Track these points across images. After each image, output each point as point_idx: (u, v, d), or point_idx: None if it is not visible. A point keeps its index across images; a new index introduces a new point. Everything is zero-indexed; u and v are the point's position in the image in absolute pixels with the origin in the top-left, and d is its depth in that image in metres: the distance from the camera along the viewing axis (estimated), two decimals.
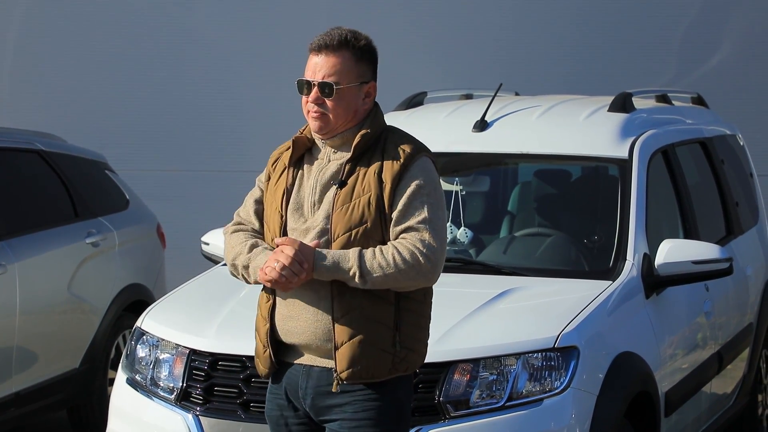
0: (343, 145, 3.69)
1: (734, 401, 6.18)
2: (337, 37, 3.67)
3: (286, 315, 3.68)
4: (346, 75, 3.65)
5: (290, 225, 3.68)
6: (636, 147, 5.54)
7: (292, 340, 3.69)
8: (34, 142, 6.93)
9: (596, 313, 4.75)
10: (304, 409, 3.72)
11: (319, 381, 3.67)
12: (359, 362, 3.59)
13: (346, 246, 3.60)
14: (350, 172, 3.64)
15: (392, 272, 3.55)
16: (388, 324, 3.61)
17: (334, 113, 3.65)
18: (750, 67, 9.37)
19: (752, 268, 6.44)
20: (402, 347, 3.61)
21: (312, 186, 3.68)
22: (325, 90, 3.64)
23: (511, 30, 9.54)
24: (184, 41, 9.72)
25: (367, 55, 3.69)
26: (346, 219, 3.60)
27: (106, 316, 6.84)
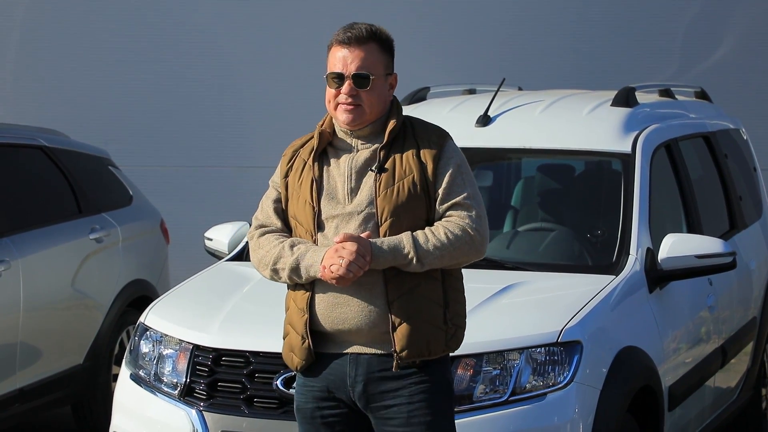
0: (371, 135, 3.75)
1: (738, 395, 6.18)
2: (365, 30, 3.74)
3: (333, 302, 3.68)
4: (377, 67, 3.72)
5: (326, 214, 3.71)
6: (639, 141, 5.53)
7: (339, 327, 3.67)
8: (37, 138, 6.93)
9: (599, 308, 4.75)
10: (350, 398, 3.71)
11: (370, 368, 3.68)
12: (417, 340, 3.64)
13: (394, 227, 3.65)
14: (386, 157, 3.71)
15: (447, 251, 3.64)
16: (438, 302, 3.68)
17: (368, 104, 3.71)
18: (753, 61, 9.36)
19: (756, 262, 6.43)
20: (452, 324, 3.70)
21: (346, 174, 3.72)
22: (361, 82, 3.70)
23: (514, 25, 9.53)
24: (186, 38, 9.72)
25: (390, 48, 3.78)
26: (392, 201, 3.66)
27: (109, 312, 6.85)
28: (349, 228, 3.68)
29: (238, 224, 5.70)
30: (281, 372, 4.50)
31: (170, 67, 9.72)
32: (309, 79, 9.70)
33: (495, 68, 8.50)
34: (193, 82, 9.71)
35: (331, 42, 3.78)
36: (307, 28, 9.67)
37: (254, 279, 5.24)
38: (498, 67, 8.74)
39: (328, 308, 3.69)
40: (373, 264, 3.62)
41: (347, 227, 3.68)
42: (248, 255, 5.47)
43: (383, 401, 3.69)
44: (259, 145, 9.70)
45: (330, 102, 3.76)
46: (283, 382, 4.49)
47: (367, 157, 3.72)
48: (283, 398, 4.50)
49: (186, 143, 9.74)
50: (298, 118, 9.68)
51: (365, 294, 3.66)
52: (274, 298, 5.04)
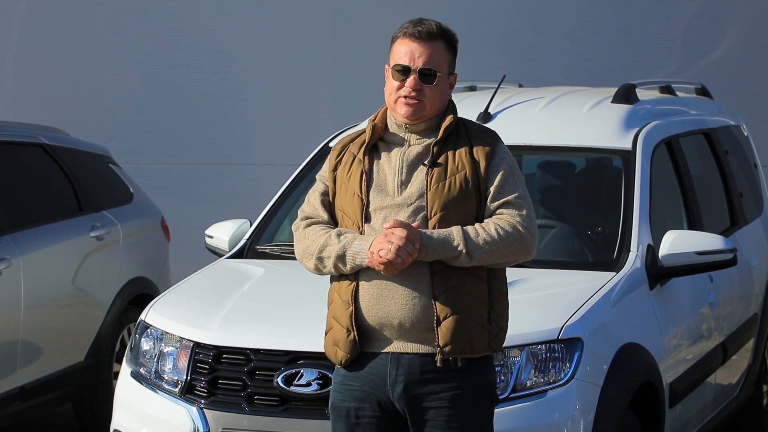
0: (425, 131, 3.75)
1: (739, 392, 6.18)
2: (435, 26, 3.75)
3: (378, 295, 3.66)
4: (443, 64, 3.74)
5: (375, 205, 3.71)
6: (639, 138, 5.53)
7: (382, 321, 3.66)
8: (38, 136, 6.94)
9: (600, 305, 4.75)
10: (389, 399, 3.69)
11: (411, 368, 3.66)
12: (462, 336, 3.63)
13: (443, 221, 3.66)
14: (439, 153, 3.72)
15: (497, 247, 3.64)
16: (483, 300, 3.68)
17: (430, 100, 3.72)
18: (754, 58, 9.35)
19: (757, 259, 6.43)
20: (495, 324, 3.70)
21: (397, 167, 3.72)
22: (426, 77, 3.71)
23: (515, 21, 9.52)
24: (188, 35, 9.72)
25: (455, 48, 3.80)
26: (443, 196, 3.67)
27: (110, 310, 6.85)
28: (398, 218, 3.66)
29: (239, 222, 5.70)
30: (282, 369, 4.50)
31: (171, 64, 9.72)
32: (310, 77, 9.71)
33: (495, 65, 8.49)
34: (195, 80, 9.71)
35: (396, 34, 3.78)
36: (309, 26, 9.66)
37: (255, 277, 5.24)
38: (498, 63, 8.74)
39: (373, 300, 3.67)
40: (421, 254, 3.60)
41: (396, 218, 3.67)
42: (248, 252, 5.51)
43: (423, 403, 3.66)
44: (261, 143, 9.70)
45: (391, 94, 3.74)
46: (284, 379, 4.49)
47: (419, 151, 3.73)
48: (283, 395, 4.50)
49: (187, 141, 9.74)
50: (300, 115, 9.69)
51: (410, 286, 3.65)
52: (274, 296, 5.07)
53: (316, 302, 4.84)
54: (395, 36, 3.78)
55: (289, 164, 6.77)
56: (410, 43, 3.73)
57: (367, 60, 9.41)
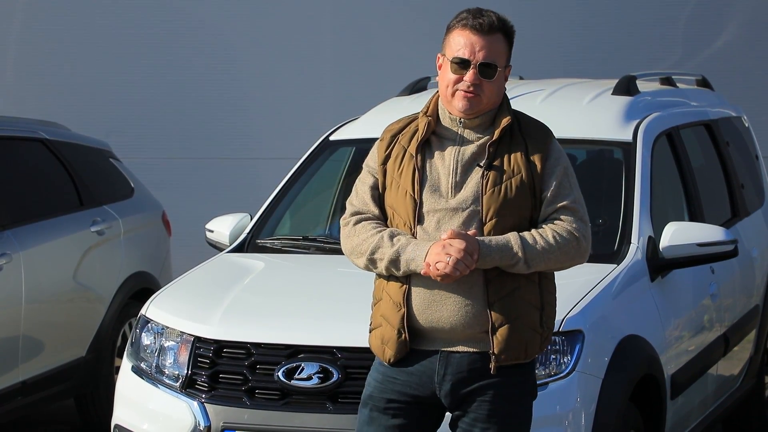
0: (479, 126, 3.67)
1: (740, 383, 6.17)
2: (495, 18, 3.68)
3: (430, 300, 3.62)
4: (501, 58, 3.67)
5: (428, 207, 3.64)
6: (640, 130, 5.52)
7: (433, 325, 3.62)
8: (38, 131, 6.93)
9: (601, 297, 4.74)
10: (435, 395, 3.67)
11: (460, 367, 3.64)
12: (517, 344, 3.61)
13: (498, 225, 3.60)
14: (494, 154, 3.64)
15: (554, 254, 3.61)
16: (536, 305, 3.66)
17: (487, 95, 3.64)
18: (755, 49, 9.34)
19: (758, 250, 6.42)
20: (546, 327, 3.69)
21: (452, 167, 3.65)
22: (487, 72, 3.63)
23: (515, 13, 9.44)
24: (188, 29, 9.71)
25: (512, 40, 3.73)
26: (500, 200, 3.61)
27: (112, 305, 6.85)
28: (452, 224, 3.61)
29: (239, 215, 5.69)
30: (282, 363, 4.50)
31: (172, 59, 9.71)
32: (311, 71, 9.70)
33: None
34: (195, 74, 9.70)
35: (453, 24, 3.69)
36: (309, 20, 9.65)
37: (255, 271, 5.24)
38: None
39: (424, 304, 3.62)
40: (479, 263, 3.55)
41: (450, 223, 3.61)
42: (249, 246, 5.51)
43: (471, 399, 3.65)
44: (261, 137, 9.69)
45: (448, 87, 3.64)
46: (285, 373, 4.49)
47: (474, 151, 3.65)
48: (284, 389, 4.49)
49: (188, 135, 9.73)
50: (300, 109, 9.69)
51: (464, 293, 3.60)
52: (274, 290, 5.06)
53: (317, 296, 4.85)
54: (452, 25, 3.69)
55: (289, 158, 6.76)
56: (470, 36, 3.64)
57: (367, 54, 9.40)
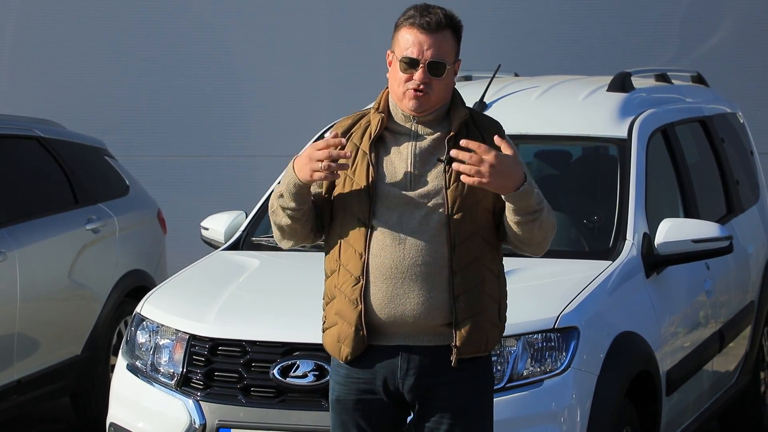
0: (432, 121, 3.66)
1: (736, 380, 6.18)
2: (442, 15, 3.64)
3: (392, 294, 3.59)
4: (450, 55, 3.64)
5: (387, 202, 3.60)
6: (635, 126, 5.52)
7: (395, 319, 3.61)
8: (33, 129, 6.92)
9: (596, 293, 4.74)
10: (399, 391, 3.66)
11: (422, 361, 3.63)
12: (479, 337, 3.61)
13: (464, 219, 3.58)
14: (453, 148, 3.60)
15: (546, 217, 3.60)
16: (496, 298, 3.67)
17: (437, 92, 3.63)
18: (750, 45, 9.34)
19: (753, 246, 6.42)
20: (502, 320, 3.70)
21: (410, 161, 3.63)
22: (435, 70, 3.61)
23: (510, 11, 9.51)
24: (184, 27, 9.70)
25: (460, 34, 3.70)
26: (464, 194, 3.59)
27: (107, 303, 6.84)
28: (414, 217, 3.60)
29: (234, 213, 5.69)
30: (278, 361, 4.50)
31: (168, 57, 9.70)
32: (306, 69, 9.69)
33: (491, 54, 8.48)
34: (191, 72, 9.69)
35: (401, 22, 3.65)
36: (305, 17, 9.64)
37: (251, 268, 5.24)
38: (494, 53, 8.72)
39: (386, 299, 3.61)
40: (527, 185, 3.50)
41: (412, 216, 3.60)
42: (244, 244, 5.51)
43: (434, 392, 3.64)
44: (257, 135, 9.68)
45: (399, 86, 3.63)
46: (280, 371, 4.49)
47: (430, 144, 3.64)
48: (279, 387, 4.49)
49: (183, 133, 9.72)
50: (296, 107, 9.67)
51: (429, 284, 3.58)
52: (270, 287, 5.06)
53: (312, 294, 4.83)
54: (400, 23, 3.66)
55: (285, 156, 6.73)
56: (417, 34, 3.61)
57: (363, 51, 9.39)
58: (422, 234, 3.59)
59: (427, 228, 3.59)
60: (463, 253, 3.59)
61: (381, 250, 3.60)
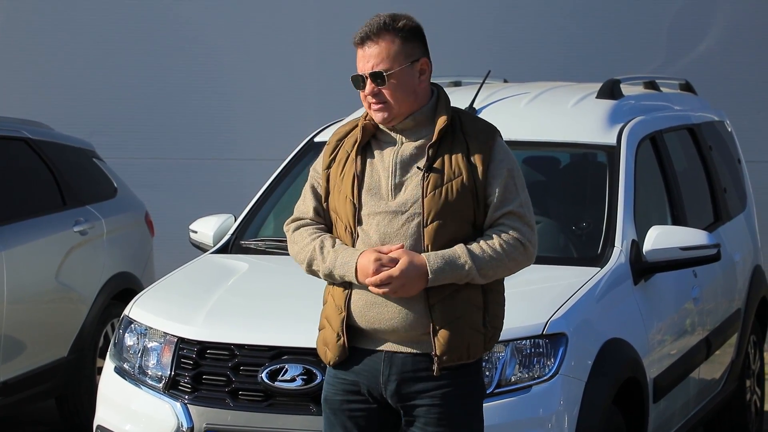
0: (414, 128, 3.66)
1: (722, 387, 6.20)
2: (376, 24, 3.66)
3: (371, 302, 3.62)
4: (395, 59, 3.63)
5: (368, 210, 3.64)
6: (624, 134, 5.54)
7: (375, 326, 3.63)
8: (21, 130, 6.91)
9: (584, 300, 4.75)
10: (382, 395, 3.67)
11: (404, 367, 3.63)
12: (459, 345, 3.60)
13: (440, 228, 3.58)
14: (434, 156, 3.62)
15: (503, 261, 3.59)
16: (479, 306, 3.64)
17: (394, 100, 3.63)
18: (738, 54, 9.38)
19: (740, 254, 6.45)
20: (490, 327, 3.67)
21: (391, 169, 3.64)
22: (378, 80, 3.63)
23: (499, 17, 9.53)
24: (173, 29, 9.70)
25: (411, 33, 3.67)
26: (440, 203, 3.58)
27: (94, 305, 6.83)
28: (392, 226, 3.60)
29: (223, 216, 5.69)
30: (266, 365, 4.49)
31: (156, 59, 9.70)
32: (296, 72, 9.69)
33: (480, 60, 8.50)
34: (179, 74, 9.69)
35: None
36: (294, 21, 9.65)
37: (239, 272, 5.23)
38: (483, 59, 8.75)
39: (366, 307, 3.63)
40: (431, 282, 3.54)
41: (390, 225, 3.60)
42: (233, 247, 5.50)
43: (416, 400, 3.65)
44: (245, 138, 9.68)
45: (364, 102, 3.69)
46: (268, 374, 4.49)
47: (412, 152, 3.64)
48: (267, 391, 4.49)
49: (172, 135, 9.72)
50: (285, 110, 9.67)
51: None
52: (258, 291, 5.06)
53: (301, 297, 4.84)
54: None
55: (274, 159, 6.76)
56: (359, 51, 3.67)
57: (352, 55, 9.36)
58: (399, 242, 3.60)
59: (404, 237, 3.61)
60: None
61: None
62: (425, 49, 3.70)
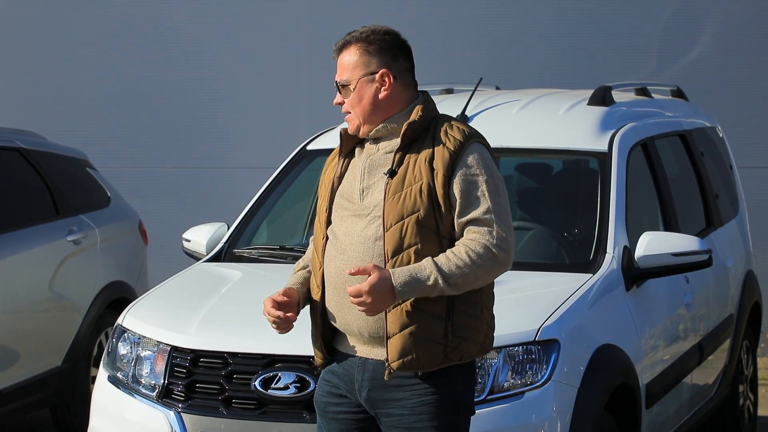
0: (390, 135, 3.70)
1: (715, 392, 6.21)
2: (345, 37, 3.73)
3: (339, 303, 3.66)
4: (354, 70, 3.69)
5: (339, 212, 3.68)
6: (615, 140, 5.55)
7: (345, 328, 3.68)
8: (14, 140, 6.91)
9: (577, 306, 4.76)
10: (358, 400, 3.70)
11: (375, 374, 3.65)
12: (410, 353, 3.58)
13: (399, 234, 3.58)
14: (400, 161, 3.64)
15: (471, 270, 3.53)
16: (440, 315, 3.59)
17: (353, 111, 3.70)
18: (729, 60, 9.40)
19: (732, 260, 6.46)
20: (454, 337, 3.59)
21: (360, 173, 3.69)
22: (342, 90, 3.72)
23: (491, 24, 9.55)
24: (166, 38, 9.70)
25: (374, 45, 3.69)
26: (398, 207, 3.59)
27: (88, 314, 6.83)
28: (356, 228, 3.63)
29: (216, 225, 5.69)
30: (259, 373, 4.50)
31: (149, 68, 9.70)
32: (288, 81, 9.70)
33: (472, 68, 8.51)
34: (173, 84, 9.69)
35: None
36: (287, 29, 9.66)
37: (232, 280, 5.24)
38: (475, 66, 8.76)
39: (336, 308, 3.69)
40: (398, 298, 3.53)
41: (355, 227, 3.64)
42: (226, 256, 5.51)
43: (386, 408, 3.66)
44: (239, 146, 9.69)
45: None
46: (261, 382, 4.49)
47: (381, 158, 3.69)
48: (261, 399, 4.49)
49: (165, 144, 9.72)
50: (278, 119, 9.68)
51: None
52: (251, 299, 5.04)
53: None
54: None
55: (267, 167, 6.76)
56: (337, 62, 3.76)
57: None
58: (360, 246, 3.64)
59: (364, 240, 3.64)
60: (396, 267, 3.57)
61: (330, 260, 3.69)
62: (390, 60, 3.70)
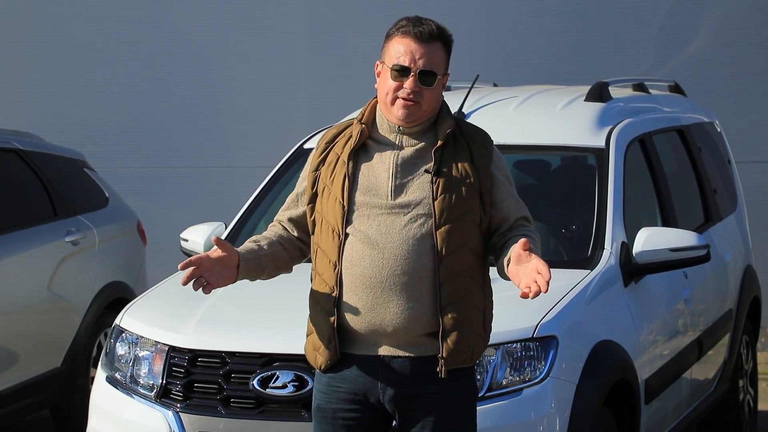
0: (418, 133, 3.68)
1: (715, 387, 6.20)
2: (435, 27, 3.70)
3: (371, 303, 3.59)
4: (440, 66, 3.68)
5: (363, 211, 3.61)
6: (613, 136, 5.55)
7: (375, 329, 3.61)
8: (12, 141, 6.91)
9: (575, 302, 4.76)
10: (379, 401, 3.66)
11: (402, 372, 3.62)
12: (466, 348, 3.62)
13: (452, 231, 3.59)
14: (440, 159, 3.64)
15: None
16: (480, 308, 3.68)
17: (427, 102, 3.65)
18: (727, 55, 9.40)
19: (731, 255, 6.46)
20: (487, 330, 3.72)
21: (392, 171, 3.64)
22: (426, 79, 3.64)
23: (488, 21, 9.54)
24: (163, 38, 9.70)
25: (450, 48, 3.75)
26: (452, 205, 3.60)
27: (87, 315, 6.83)
28: (394, 226, 3.60)
29: (214, 225, 5.68)
30: (257, 372, 4.50)
31: (147, 68, 9.70)
32: (286, 80, 9.70)
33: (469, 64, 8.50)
34: (170, 83, 9.69)
35: (392, 32, 3.69)
36: (284, 28, 9.65)
37: None
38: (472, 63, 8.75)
39: (365, 308, 3.61)
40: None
41: (392, 224, 3.60)
42: None
43: (414, 404, 3.64)
44: (237, 146, 9.69)
45: (388, 94, 3.65)
46: (260, 381, 4.49)
47: (414, 155, 3.65)
48: (259, 398, 4.49)
49: (162, 144, 9.72)
50: (275, 117, 9.68)
51: (408, 295, 3.59)
52: (249, 299, 5.05)
53: (291, 305, 4.84)
54: (391, 33, 3.69)
55: (264, 166, 6.76)
56: (410, 44, 3.65)
57: (342, 61, 9.40)
58: (403, 244, 3.60)
59: (408, 238, 3.60)
60: (451, 264, 3.59)
61: (359, 259, 3.61)
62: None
